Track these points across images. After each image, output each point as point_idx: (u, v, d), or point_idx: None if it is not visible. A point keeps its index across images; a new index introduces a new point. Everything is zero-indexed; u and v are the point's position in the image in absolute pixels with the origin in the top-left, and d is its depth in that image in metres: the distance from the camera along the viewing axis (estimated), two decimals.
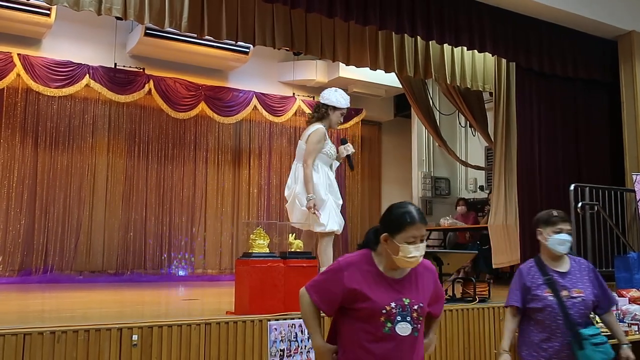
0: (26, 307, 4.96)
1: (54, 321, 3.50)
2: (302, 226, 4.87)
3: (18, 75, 8.20)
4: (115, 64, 8.93)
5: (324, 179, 4.95)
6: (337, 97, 5.05)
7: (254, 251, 4.08)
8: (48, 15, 7.95)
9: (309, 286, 2.53)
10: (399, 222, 2.39)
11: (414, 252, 2.37)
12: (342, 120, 5.17)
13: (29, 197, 8.32)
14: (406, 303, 2.40)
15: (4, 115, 8.26)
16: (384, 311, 2.36)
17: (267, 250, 4.13)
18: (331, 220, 4.91)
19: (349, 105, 5.18)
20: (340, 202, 5.11)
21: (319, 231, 4.90)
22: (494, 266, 7.67)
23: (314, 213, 4.75)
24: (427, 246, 9.85)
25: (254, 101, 9.94)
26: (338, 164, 5.30)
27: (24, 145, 8.36)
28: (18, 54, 8.20)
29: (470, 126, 9.89)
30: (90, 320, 3.60)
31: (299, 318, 3.89)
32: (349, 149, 5.18)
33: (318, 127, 4.97)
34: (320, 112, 5.07)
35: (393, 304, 2.38)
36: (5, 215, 8.14)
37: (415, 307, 2.41)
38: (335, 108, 5.04)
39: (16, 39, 8.25)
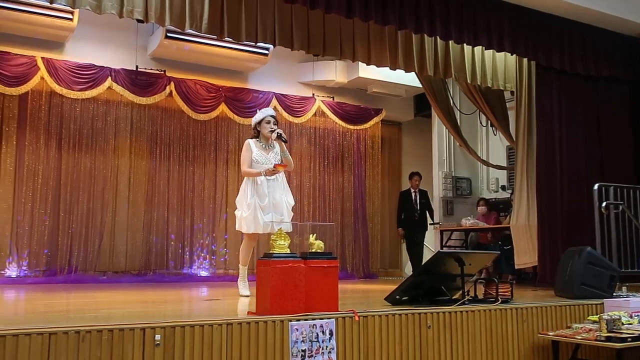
0: (51, 307, 5.02)
1: (78, 321, 3.53)
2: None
3: (42, 78, 8.33)
4: (137, 67, 9.03)
5: (251, 184, 5.56)
6: (255, 117, 5.77)
7: (274, 252, 4.09)
8: (71, 19, 8.07)
9: None
10: None
11: None
12: (273, 127, 5.65)
13: (53, 198, 8.45)
14: None
15: (29, 118, 8.40)
16: None
17: (288, 251, 4.14)
18: (245, 222, 5.52)
19: (266, 114, 5.73)
20: (265, 204, 5.53)
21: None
22: (516, 267, 7.60)
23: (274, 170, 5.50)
24: (448, 246, 9.79)
25: (274, 102, 9.97)
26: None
27: (48, 147, 8.49)
28: (42, 58, 8.34)
29: (492, 125, 9.80)
30: (114, 320, 3.64)
31: (320, 319, 3.89)
32: (276, 131, 5.65)
33: (245, 142, 5.74)
34: (252, 133, 5.81)
35: None
36: (30, 217, 8.27)
37: None
38: (259, 123, 5.70)
39: (40, 42, 8.38)
